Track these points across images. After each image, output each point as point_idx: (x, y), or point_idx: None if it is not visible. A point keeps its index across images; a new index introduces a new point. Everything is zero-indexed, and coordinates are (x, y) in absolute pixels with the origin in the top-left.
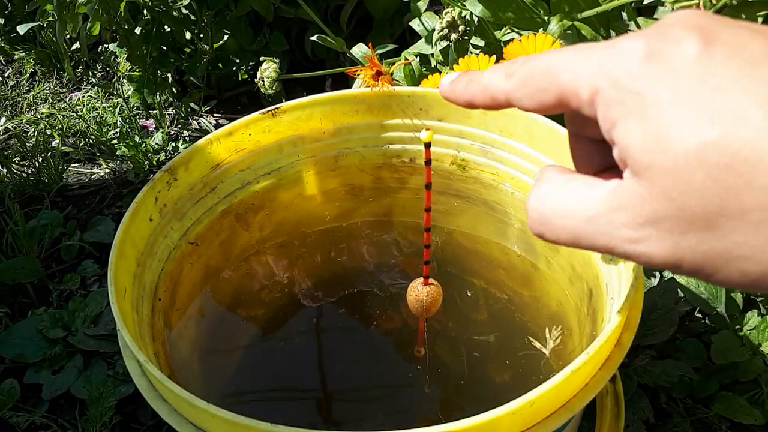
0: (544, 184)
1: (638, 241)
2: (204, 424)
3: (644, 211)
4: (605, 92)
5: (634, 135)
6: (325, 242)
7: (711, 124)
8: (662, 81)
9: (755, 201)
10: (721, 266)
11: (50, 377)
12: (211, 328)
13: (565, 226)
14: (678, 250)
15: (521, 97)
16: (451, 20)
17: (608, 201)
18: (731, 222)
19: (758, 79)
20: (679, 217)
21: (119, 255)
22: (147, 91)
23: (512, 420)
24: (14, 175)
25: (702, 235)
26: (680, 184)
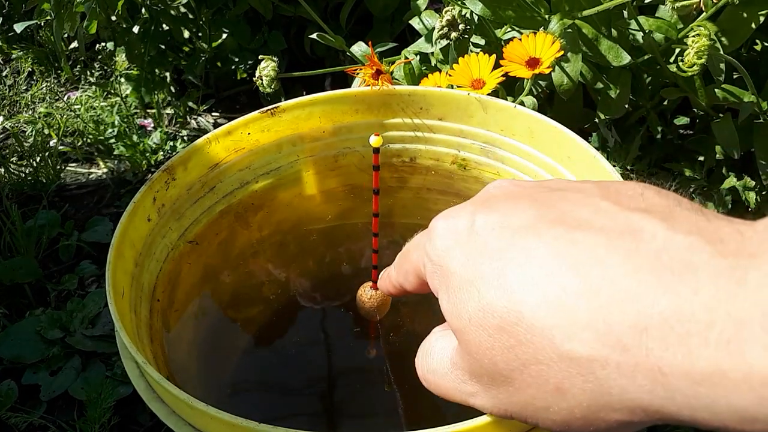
0: (427, 341)
1: (474, 394)
2: (203, 425)
3: (463, 368)
4: (426, 267)
5: (444, 302)
6: (324, 242)
7: (480, 291)
8: (453, 253)
9: (527, 356)
10: (535, 415)
11: (48, 378)
12: (210, 329)
13: (432, 381)
14: (500, 403)
15: (402, 282)
16: (451, 19)
17: (451, 358)
18: (521, 376)
19: (518, 247)
20: (486, 373)
21: (117, 255)
22: (145, 90)
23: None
24: (12, 175)
25: (507, 389)
26: (474, 344)
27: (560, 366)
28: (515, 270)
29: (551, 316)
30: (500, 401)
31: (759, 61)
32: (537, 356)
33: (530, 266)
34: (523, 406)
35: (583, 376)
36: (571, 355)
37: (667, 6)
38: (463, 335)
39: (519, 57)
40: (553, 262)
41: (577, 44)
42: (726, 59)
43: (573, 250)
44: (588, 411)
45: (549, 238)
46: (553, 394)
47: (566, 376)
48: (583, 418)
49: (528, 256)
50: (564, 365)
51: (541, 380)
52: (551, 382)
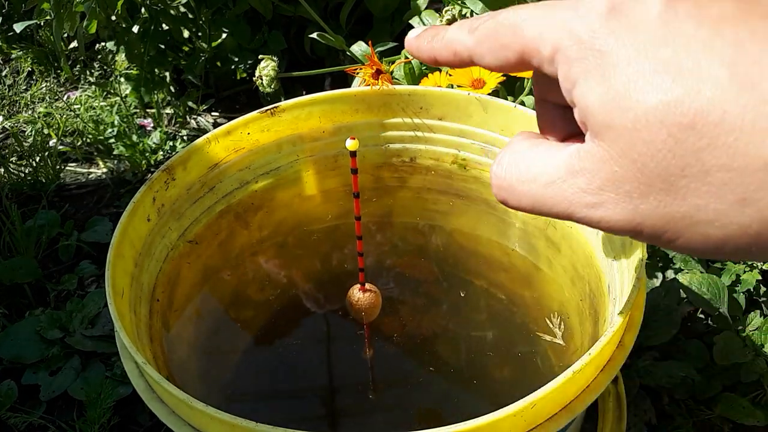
0: (509, 150)
1: (597, 205)
2: (202, 425)
3: (603, 174)
4: (566, 50)
5: (595, 94)
6: (324, 242)
7: (672, 83)
8: (624, 39)
9: (717, 162)
10: (683, 230)
11: (48, 378)
12: (210, 329)
13: (527, 191)
14: (638, 214)
15: (483, 54)
16: (451, 18)
17: (568, 165)
18: (693, 184)
19: (722, 38)
20: (640, 179)
21: (117, 255)
22: (144, 89)
23: (514, 421)
24: (11, 175)
25: (663, 198)
26: (640, 144)
27: (759, 175)
28: (723, 63)
29: (767, 119)
30: (638, 213)
31: None
32: (731, 162)
33: (744, 62)
34: (672, 218)
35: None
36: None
37: None
38: (627, 132)
39: None
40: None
41: None
42: None
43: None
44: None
45: (764, 33)
46: (732, 205)
47: (761, 186)
48: (756, 236)
49: (740, 50)
50: (764, 174)
51: (722, 190)
52: (737, 192)
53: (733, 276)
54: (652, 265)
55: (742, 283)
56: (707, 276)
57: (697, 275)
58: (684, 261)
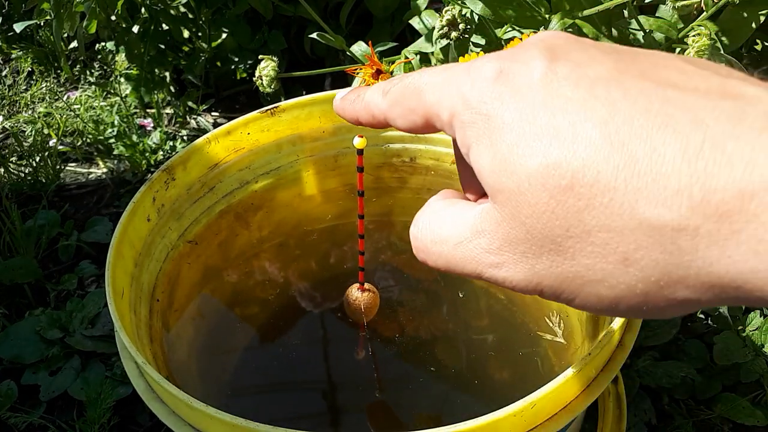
0: (425, 210)
1: (499, 265)
2: (202, 425)
3: (500, 235)
4: (460, 115)
5: (485, 158)
6: (324, 242)
7: (550, 146)
8: (508, 103)
9: (597, 222)
10: (577, 290)
11: (48, 378)
12: (210, 329)
13: (440, 253)
14: (535, 275)
15: (395, 117)
16: (451, 18)
17: (473, 226)
18: (578, 244)
19: (596, 98)
20: (530, 240)
21: (117, 255)
22: (145, 89)
23: (514, 421)
24: (11, 175)
25: (554, 258)
26: (526, 207)
27: (636, 235)
28: (597, 124)
29: (638, 179)
30: (535, 273)
31: (759, 61)
32: (610, 223)
33: (615, 122)
34: (566, 278)
35: (662, 247)
36: (655, 223)
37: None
38: (513, 196)
39: None
40: (643, 120)
41: None
42: (726, 59)
43: (667, 109)
44: (654, 286)
45: (636, 93)
46: (616, 265)
47: (640, 246)
48: (643, 295)
49: (612, 110)
50: (642, 233)
51: (605, 250)
52: (618, 252)
53: None
54: None
55: None
56: None
57: None
58: None
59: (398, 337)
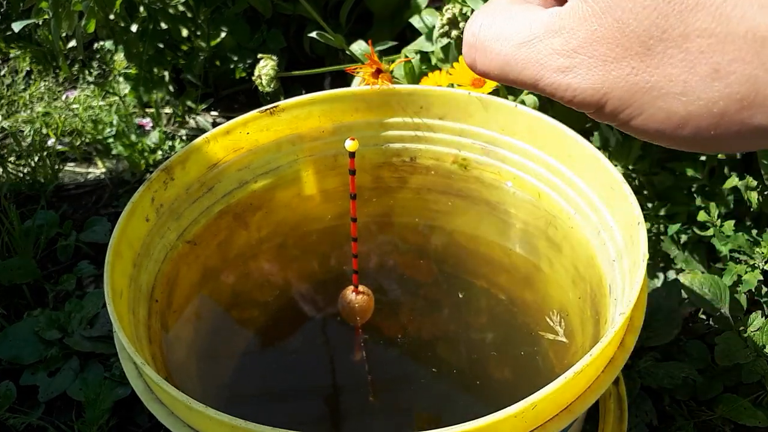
0: (488, 7)
1: (567, 69)
2: (201, 426)
3: (582, 33)
4: None
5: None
6: (324, 242)
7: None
8: None
9: (700, 25)
10: (647, 104)
11: (46, 379)
12: (209, 330)
13: (499, 51)
14: (607, 82)
15: None
16: (451, 17)
17: (547, 24)
18: (670, 49)
19: None
20: (618, 40)
21: (115, 256)
22: (143, 89)
23: (515, 422)
24: (10, 175)
25: (636, 64)
26: (628, 1)
27: (739, 44)
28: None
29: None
30: (608, 79)
31: None
32: (714, 26)
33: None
34: (641, 88)
35: (762, 60)
36: (765, 34)
37: None
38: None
39: None
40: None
41: None
42: None
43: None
44: (735, 106)
45: None
46: (703, 78)
47: (737, 57)
48: (719, 116)
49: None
50: (744, 43)
51: (698, 57)
52: (711, 62)
53: (734, 276)
54: (654, 266)
55: (744, 283)
56: (708, 276)
57: (699, 276)
58: (685, 261)
59: (399, 337)
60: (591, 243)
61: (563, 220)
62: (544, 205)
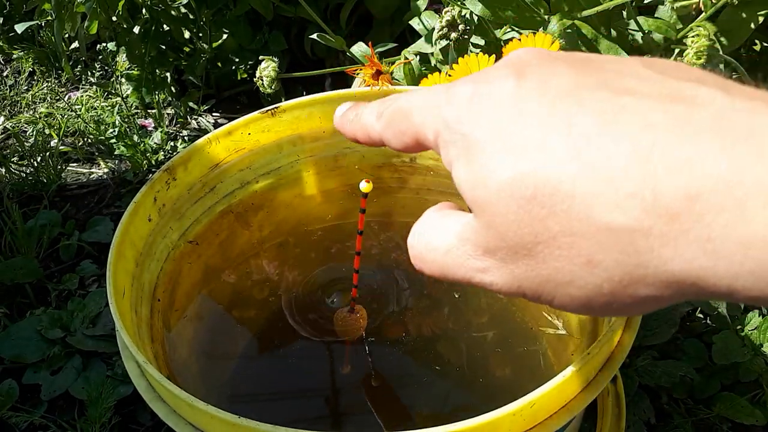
0: (421, 221)
1: (485, 270)
2: (203, 425)
3: (481, 243)
4: (442, 135)
5: (463, 174)
6: (325, 243)
7: (517, 160)
8: (481, 121)
9: (560, 228)
10: (553, 292)
11: (49, 378)
12: (211, 329)
13: (433, 260)
14: (516, 278)
15: (389, 139)
16: (451, 19)
17: (459, 234)
18: (547, 249)
19: (557, 113)
20: (506, 247)
21: (118, 255)
22: (146, 90)
23: (513, 421)
24: (12, 175)
25: (528, 262)
26: (498, 216)
27: (596, 238)
28: (556, 137)
29: (593, 185)
30: (515, 276)
31: (758, 61)
32: (571, 227)
33: (572, 134)
34: (541, 281)
35: (620, 248)
36: (611, 226)
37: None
38: (487, 206)
39: None
40: (598, 129)
41: (577, 44)
42: (725, 59)
43: (620, 117)
44: (618, 286)
45: (593, 104)
46: (582, 267)
47: (601, 248)
48: (610, 294)
49: (570, 123)
50: (601, 236)
51: (571, 253)
52: (582, 254)
53: None
54: None
55: None
56: None
57: None
58: None
59: (399, 337)
60: None
61: None
62: None
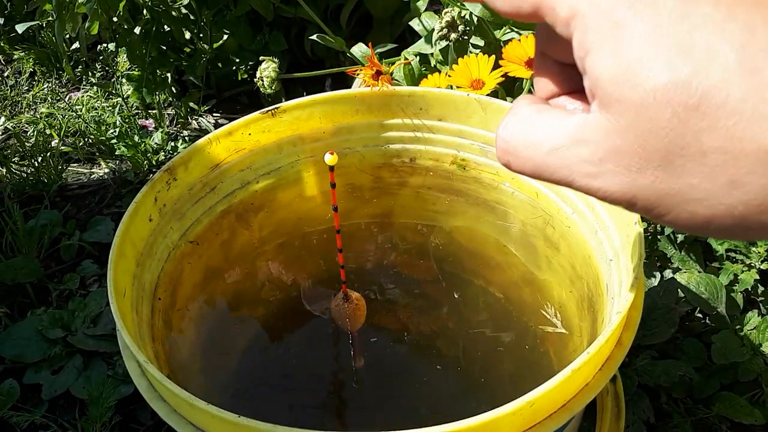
0: (515, 115)
1: (596, 175)
2: (204, 424)
3: (606, 146)
4: (584, 17)
5: (607, 66)
6: (325, 242)
7: (683, 63)
8: (642, 13)
9: (714, 144)
10: (673, 207)
11: (50, 377)
12: (211, 328)
13: (530, 157)
14: (633, 188)
15: None
16: (450, 20)
17: (573, 134)
18: (689, 164)
19: (735, 21)
20: (640, 155)
21: (119, 255)
22: (146, 90)
23: (513, 420)
24: (14, 175)
25: (659, 174)
26: (646, 121)
27: (752, 159)
28: (732, 46)
29: (765, 105)
30: (635, 185)
31: None
32: (728, 145)
33: (752, 47)
34: (665, 194)
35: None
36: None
37: None
38: (634, 108)
39: (518, 57)
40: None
41: None
42: None
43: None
44: (754, 210)
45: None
46: (722, 187)
47: (752, 170)
48: (740, 217)
49: (751, 35)
50: (757, 159)
51: (715, 171)
52: (729, 173)
53: (731, 275)
54: (651, 265)
55: (740, 282)
56: (705, 275)
57: (695, 275)
58: (682, 261)
59: (399, 336)
60: (588, 242)
61: (561, 219)
62: (541, 205)
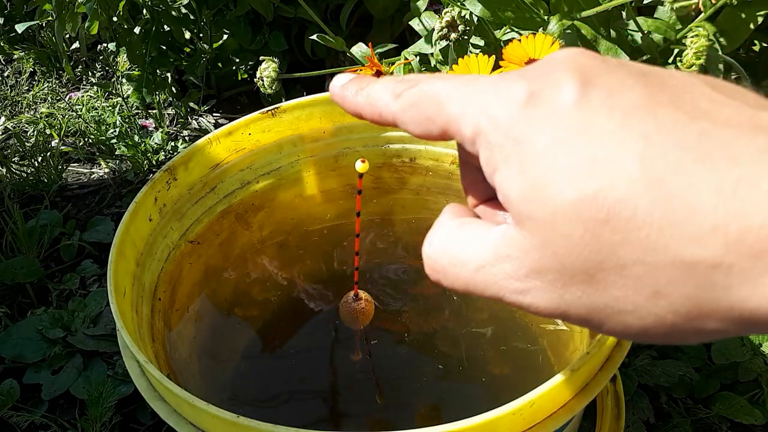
0: (439, 231)
1: (524, 291)
2: (204, 424)
3: (528, 263)
4: (487, 135)
5: (514, 184)
6: (325, 242)
7: (587, 178)
8: (541, 128)
9: (632, 257)
10: (605, 319)
11: (50, 377)
12: (211, 329)
13: (458, 275)
14: (563, 303)
15: (407, 122)
16: (450, 20)
17: (496, 250)
18: (611, 277)
19: (631, 131)
20: (561, 271)
21: (119, 255)
22: (146, 90)
23: (512, 420)
24: (14, 175)
25: (585, 289)
26: (559, 237)
27: (670, 270)
28: (631, 158)
29: (674, 215)
30: (563, 301)
31: (757, 62)
32: (644, 257)
33: (650, 156)
34: (596, 308)
35: (695, 283)
36: (690, 260)
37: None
38: (545, 225)
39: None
40: (679, 154)
41: (576, 45)
42: (724, 60)
43: (702, 143)
44: (683, 319)
45: (670, 124)
46: (647, 298)
47: (673, 281)
48: (671, 326)
49: (648, 143)
50: (676, 269)
51: (638, 283)
52: (650, 285)
53: None
54: None
55: None
56: None
57: None
58: None
59: (399, 336)
60: None
61: None
62: None
